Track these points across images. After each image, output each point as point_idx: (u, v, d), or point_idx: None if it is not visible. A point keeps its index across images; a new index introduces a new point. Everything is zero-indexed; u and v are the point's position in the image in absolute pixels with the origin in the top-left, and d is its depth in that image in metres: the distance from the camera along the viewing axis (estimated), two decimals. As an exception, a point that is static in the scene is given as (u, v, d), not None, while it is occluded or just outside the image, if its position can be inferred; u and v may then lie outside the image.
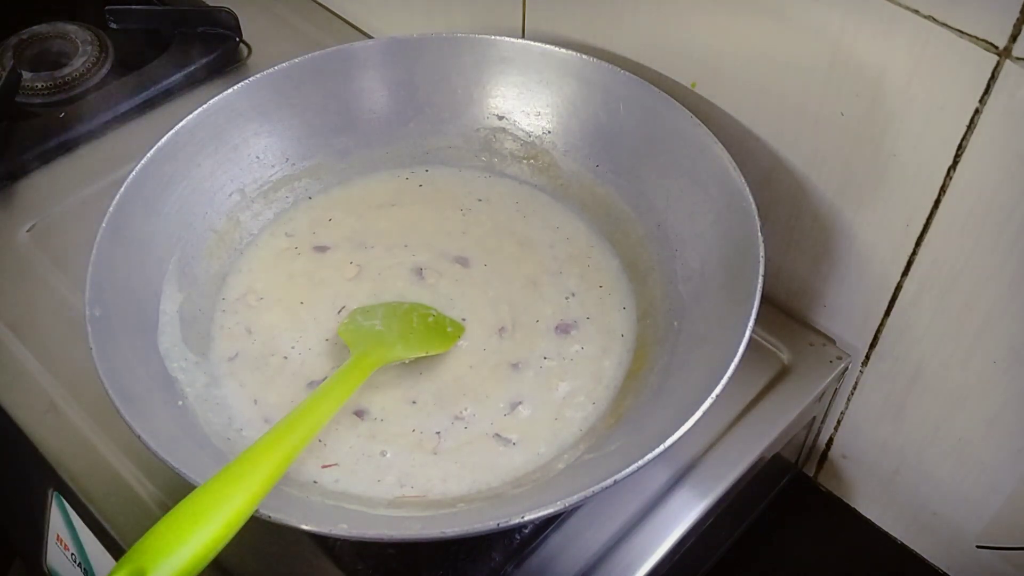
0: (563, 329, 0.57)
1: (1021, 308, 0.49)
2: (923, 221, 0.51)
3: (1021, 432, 0.53)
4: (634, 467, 0.42)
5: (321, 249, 0.61)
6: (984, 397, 0.54)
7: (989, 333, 0.51)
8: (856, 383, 0.61)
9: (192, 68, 0.76)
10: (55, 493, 0.58)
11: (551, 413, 0.53)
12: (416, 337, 0.55)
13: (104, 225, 0.52)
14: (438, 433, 0.52)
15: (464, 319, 0.58)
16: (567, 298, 0.58)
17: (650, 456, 0.42)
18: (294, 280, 0.60)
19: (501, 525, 0.41)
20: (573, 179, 0.63)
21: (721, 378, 0.45)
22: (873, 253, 0.55)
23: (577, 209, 0.63)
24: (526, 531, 0.52)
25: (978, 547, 0.60)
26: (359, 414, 0.53)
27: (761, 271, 0.49)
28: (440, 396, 0.54)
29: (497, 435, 0.52)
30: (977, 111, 0.45)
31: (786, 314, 0.62)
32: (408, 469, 0.51)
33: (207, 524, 0.39)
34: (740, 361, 0.46)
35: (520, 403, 0.54)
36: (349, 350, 0.54)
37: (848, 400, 0.63)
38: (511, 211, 0.63)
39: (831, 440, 0.66)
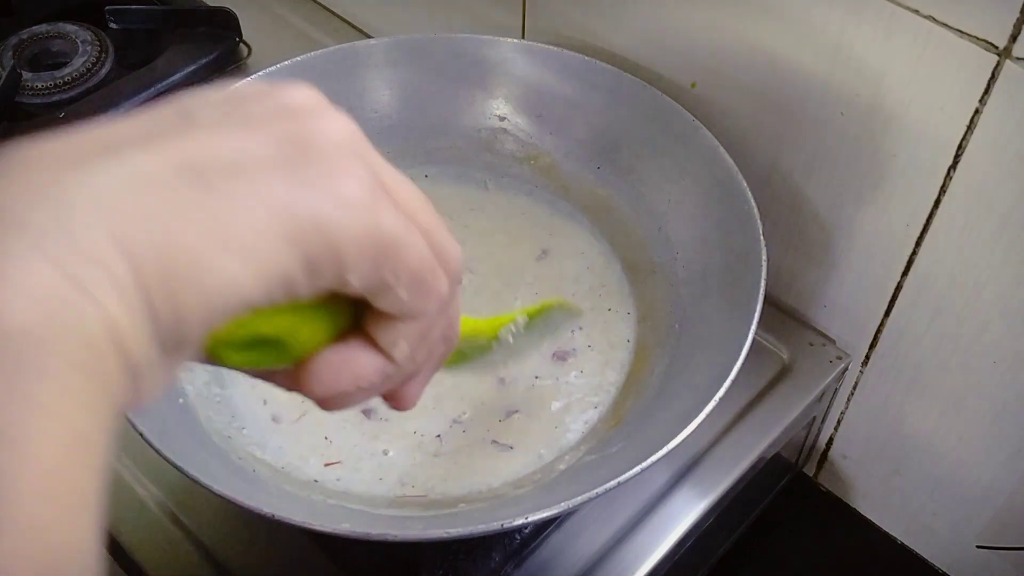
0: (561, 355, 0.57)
1: (1021, 308, 0.49)
2: (923, 221, 0.51)
3: (1021, 432, 0.53)
4: (637, 469, 0.42)
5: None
6: (984, 397, 0.54)
7: (989, 333, 0.51)
8: (856, 383, 0.61)
9: (192, 68, 0.76)
10: (55, 493, 0.58)
11: (552, 414, 0.53)
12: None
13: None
14: (439, 436, 0.52)
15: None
16: (567, 299, 0.58)
17: (653, 459, 0.42)
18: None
19: (504, 526, 0.41)
20: (574, 181, 0.63)
21: (724, 381, 0.45)
22: (873, 253, 0.55)
23: (578, 211, 0.63)
24: (526, 531, 0.52)
25: (978, 547, 0.60)
26: (366, 412, 0.53)
27: (764, 275, 0.49)
28: (439, 398, 0.54)
29: (495, 441, 0.52)
30: (977, 111, 0.45)
31: (786, 314, 0.62)
32: (409, 469, 0.51)
33: None
34: (742, 364, 0.46)
35: (516, 412, 0.54)
36: None
37: (848, 400, 0.63)
38: (512, 212, 0.63)
39: (831, 440, 0.66)
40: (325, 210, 0.21)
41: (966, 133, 0.46)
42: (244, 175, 0.21)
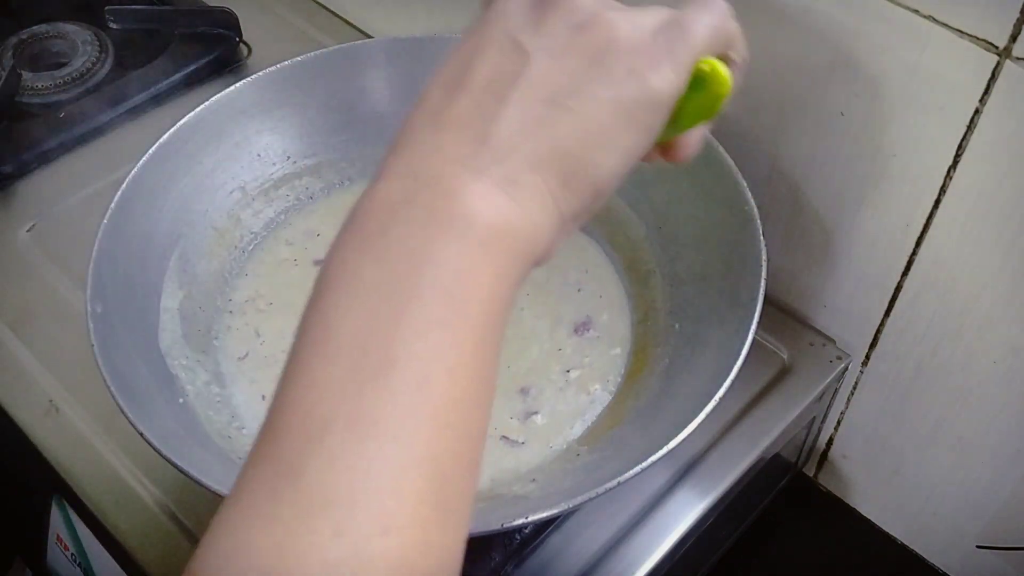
0: (580, 330, 0.57)
1: (1021, 308, 0.49)
2: (923, 221, 0.51)
3: (1021, 432, 0.53)
4: (637, 469, 0.42)
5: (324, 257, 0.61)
6: (984, 397, 0.54)
7: (989, 333, 0.51)
8: (856, 383, 0.61)
9: (192, 68, 0.76)
10: (55, 493, 0.58)
11: (551, 414, 0.53)
12: None
13: (106, 221, 0.52)
14: None
15: None
16: (568, 299, 0.58)
17: (653, 459, 0.42)
18: (301, 288, 0.60)
19: (505, 526, 0.41)
20: (573, 179, 0.63)
21: (724, 381, 0.45)
22: (873, 253, 0.55)
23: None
24: (526, 531, 0.52)
25: (978, 547, 0.60)
26: None
27: (763, 274, 0.49)
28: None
29: (504, 437, 0.52)
30: (977, 111, 0.45)
31: (786, 314, 0.62)
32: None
33: None
34: (742, 364, 0.46)
35: (536, 412, 0.54)
36: None
37: (848, 400, 0.63)
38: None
39: (831, 440, 0.66)
40: (642, 94, 0.30)
41: (966, 133, 0.46)
42: (580, 93, 0.30)
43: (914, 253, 0.53)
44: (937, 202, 0.49)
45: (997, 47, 0.42)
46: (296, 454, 0.25)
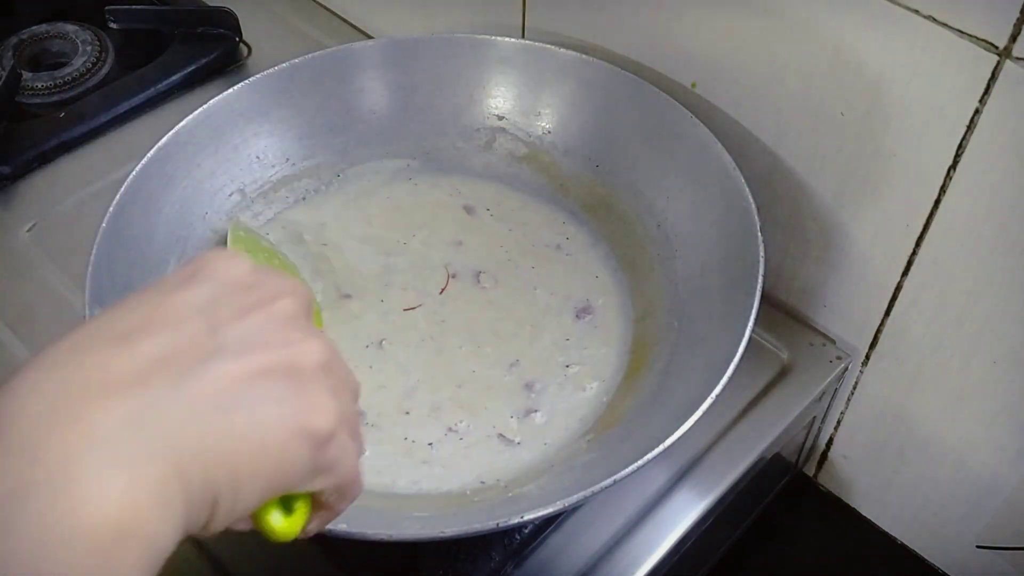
0: (579, 314, 0.57)
1: (1021, 308, 0.49)
2: (923, 221, 0.51)
3: (1021, 432, 0.53)
4: (634, 467, 0.42)
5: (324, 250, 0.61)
6: (984, 397, 0.54)
7: (989, 333, 0.51)
8: (856, 383, 0.61)
9: (192, 68, 0.76)
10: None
11: (555, 415, 0.53)
12: None
13: (104, 224, 0.52)
14: (430, 444, 0.52)
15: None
16: (567, 299, 0.58)
17: (650, 456, 0.42)
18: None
19: (501, 525, 0.41)
20: (573, 179, 0.63)
21: (721, 378, 0.45)
22: (873, 253, 0.55)
23: (577, 209, 0.63)
24: (526, 531, 0.52)
25: (978, 547, 0.60)
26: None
27: (761, 271, 0.49)
28: (436, 407, 0.54)
29: (501, 435, 0.52)
30: (977, 111, 0.45)
31: (786, 314, 0.62)
32: (407, 466, 0.51)
33: None
34: (740, 361, 0.46)
35: (537, 411, 0.54)
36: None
37: (848, 400, 0.63)
38: (511, 212, 0.63)
39: (831, 440, 0.66)
40: (297, 473, 0.28)
41: (966, 133, 0.46)
42: (259, 406, 0.26)
43: (914, 253, 0.52)
44: (937, 202, 0.49)
45: (997, 47, 0.42)
46: None
